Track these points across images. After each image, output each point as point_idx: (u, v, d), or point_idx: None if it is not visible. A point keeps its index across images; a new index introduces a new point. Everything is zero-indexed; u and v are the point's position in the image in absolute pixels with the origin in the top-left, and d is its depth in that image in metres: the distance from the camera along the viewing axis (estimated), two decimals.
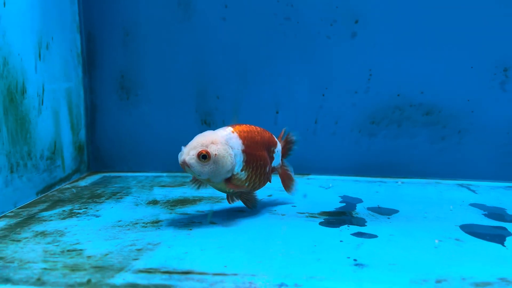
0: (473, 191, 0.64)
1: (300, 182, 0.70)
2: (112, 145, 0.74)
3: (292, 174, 0.57)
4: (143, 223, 0.49)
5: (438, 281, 0.36)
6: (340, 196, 0.61)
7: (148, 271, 0.38)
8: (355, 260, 0.40)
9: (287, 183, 0.56)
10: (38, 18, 0.58)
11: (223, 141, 0.48)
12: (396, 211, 0.54)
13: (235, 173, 0.48)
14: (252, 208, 0.52)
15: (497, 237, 0.46)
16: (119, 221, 0.49)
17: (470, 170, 0.69)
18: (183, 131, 0.74)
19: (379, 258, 0.41)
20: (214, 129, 0.75)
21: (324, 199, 0.59)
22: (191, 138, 0.73)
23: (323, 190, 0.65)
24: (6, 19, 0.51)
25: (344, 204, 0.58)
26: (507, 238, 0.45)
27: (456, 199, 0.60)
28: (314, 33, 0.71)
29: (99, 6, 0.71)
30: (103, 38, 0.72)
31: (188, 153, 0.47)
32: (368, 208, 0.56)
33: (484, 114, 0.68)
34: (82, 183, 0.67)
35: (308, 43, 0.71)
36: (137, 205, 0.56)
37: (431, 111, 0.70)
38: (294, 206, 0.56)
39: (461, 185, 0.67)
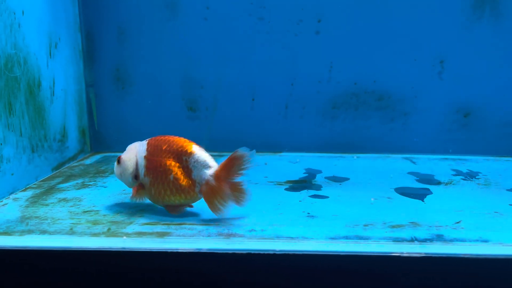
0: (414, 162, 0.77)
1: (273, 158, 0.82)
2: (110, 129, 0.85)
3: (243, 193, 0.50)
4: None
5: (365, 225, 0.49)
6: (304, 169, 0.73)
7: (151, 223, 0.50)
8: (308, 213, 0.53)
9: (212, 201, 0.49)
10: (48, 21, 0.68)
11: (133, 148, 0.52)
12: (347, 179, 0.67)
13: (141, 178, 0.51)
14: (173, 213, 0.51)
15: (420, 195, 0.59)
16: (124, 190, 0.61)
17: (414, 145, 0.82)
18: (171, 116, 0.85)
19: (326, 211, 0.54)
20: (198, 115, 0.87)
21: (291, 171, 0.72)
22: (177, 122, 0.85)
23: (291, 164, 0.77)
24: (25, 25, 0.62)
25: (307, 174, 0.70)
26: (427, 196, 0.59)
27: (398, 169, 0.73)
28: (283, 31, 0.81)
29: (96, 7, 0.81)
30: (100, 36, 0.81)
31: None
32: (326, 177, 0.68)
33: (425, 98, 0.80)
34: (87, 161, 0.78)
35: (278, 39, 0.81)
36: None
37: (382, 97, 0.82)
38: (266, 177, 0.69)
39: (406, 158, 0.80)
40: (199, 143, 0.55)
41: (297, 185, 0.64)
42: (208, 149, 0.78)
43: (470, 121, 0.80)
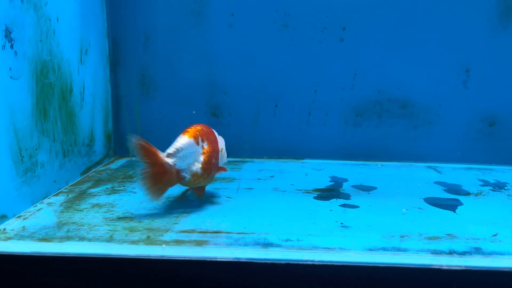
0: (439, 172, 0.77)
1: (295, 165, 0.82)
2: (134, 133, 0.86)
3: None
4: (174, 197, 0.62)
5: (402, 236, 0.50)
6: (329, 177, 0.74)
7: (187, 231, 0.51)
8: (341, 223, 0.53)
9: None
10: (80, 28, 0.69)
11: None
12: (374, 188, 0.67)
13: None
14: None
15: (451, 206, 0.59)
16: None
17: (438, 154, 0.82)
18: (194, 121, 0.85)
19: (360, 221, 0.54)
20: (221, 121, 0.87)
21: (316, 179, 0.72)
22: None
23: (315, 171, 0.77)
24: (59, 31, 0.63)
25: (333, 183, 0.70)
26: (458, 207, 0.59)
27: (424, 178, 0.73)
28: (307, 38, 0.82)
29: (123, 14, 0.82)
30: (126, 42, 0.82)
31: None
32: (353, 186, 0.69)
33: (449, 107, 0.80)
34: (113, 166, 0.79)
35: (302, 46, 0.81)
36: None
37: (406, 105, 0.82)
38: (293, 184, 0.69)
39: (430, 167, 0.80)
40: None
41: (325, 194, 0.64)
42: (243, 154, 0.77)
43: (495, 131, 0.80)
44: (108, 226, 0.51)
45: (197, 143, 0.55)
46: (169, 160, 0.53)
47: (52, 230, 0.50)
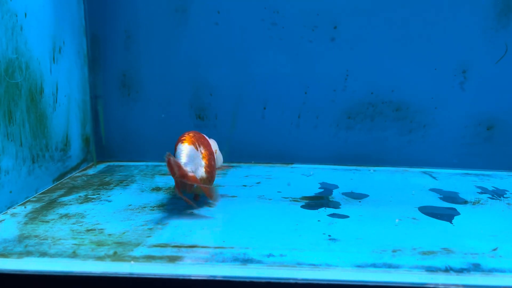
0: (434, 177, 0.73)
1: (285, 170, 0.78)
2: (115, 137, 0.81)
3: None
4: (150, 207, 0.57)
5: (394, 251, 0.45)
6: (319, 183, 0.70)
7: (160, 245, 0.46)
8: (329, 235, 0.49)
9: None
10: (52, 25, 0.65)
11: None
12: (366, 196, 0.63)
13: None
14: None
15: (447, 216, 0.55)
16: (130, 205, 0.58)
17: (433, 159, 0.78)
18: (179, 124, 0.82)
19: (349, 234, 0.50)
20: (206, 123, 0.83)
21: (305, 186, 0.68)
22: (185, 130, 0.80)
23: (304, 177, 0.73)
24: (27, 28, 0.58)
25: (322, 190, 0.66)
26: (455, 217, 0.55)
27: (419, 184, 0.69)
28: (297, 37, 0.78)
29: (103, 10, 0.78)
30: (106, 40, 0.78)
31: None
32: (343, 193, 0.65)
33: (445, 110, 0.77)
34: (90, 171, 0.74)
35: (292, 46, 0.78)
36: (142, 191, 0.64)
37: (400, 108, 0.79)
38: (280, 192, 0.65)
39: (425, 173, 0.77)
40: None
41: (314, 202, 0.60)
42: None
43: (493, 135, 0.77)
44: (74, 240, 0.47)
45: (196, 149, 0.56)
46: (188, 168, 0.53)
47: (12, 244, 0.46)
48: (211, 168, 0.57)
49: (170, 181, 0.69)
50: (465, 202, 0.61)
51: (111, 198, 0.61)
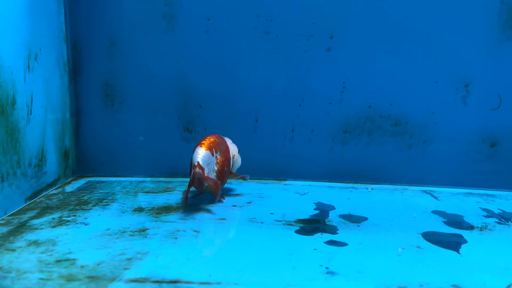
0: (436, 197, 0.69)
1: (277, 187, 0.74)
2: (97, 150, 0.76)
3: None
4: (131, 231, 0.52)
5: None
6: (314, 203, 0.65)
7: (139, 280, 0.41)
8: (327, 268, 0.45)
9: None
10: (27, 30, 0.60)
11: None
12: (365, 219, 0.59)
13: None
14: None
15: (454, 244, 0.51)
16: (108, 230, 0.52)
17: (434, 177, 0.75)
18: (166, 137, 0.77)
19: (348, 266, 0.45)
20: (195, 136, 0.78)
21: (299, 206, 0.63)
22: (173, 144, 0.76)
23: (298, 197, 0.69)
24: None
25: (318, 211, 0.62)
26: (462, 246, 0.51)
27: (420, 205, 0.65)
28: (292, 47, 0.74)
29: (85, 16, 0.73)
30: (88, 47, 0.73)
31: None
32: (340, 216, 0.60)
33: (447, 125, 0.73)
34: (68, 188, 0.69)
35: (286, 56, 0.74)
36: (123, 212, 0.59)
37: (399, 122, 0.75)
38: (272, 213, 0.60)
39: (425, 191, 0.72)
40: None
41: (309, 226, 0.56)
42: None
43: (497, 152, 0.73)
44: (41, 273, 0.42)
45: (212, 154, 0.61)
46: (204, 170, 0.59)
47: None
48: (222, 173, 0.62)
49: (154, 200, 0.64)
50: (471, 227, 0.56)
51: (88, 220, 0.56)
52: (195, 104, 0.76)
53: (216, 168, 0.61)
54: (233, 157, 0.66)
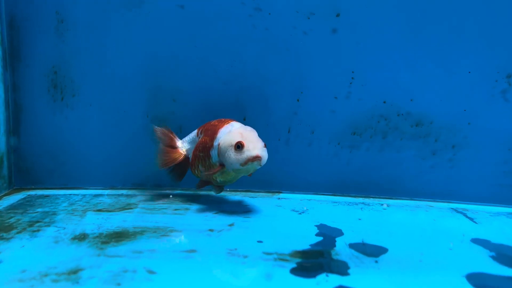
0: (471, 219, 0.55)
1: (270, 202, 0.60)
2: (42, 155, 0.64)
3: None
4: (56, 274, 0.37)
5: None
6: (316, 226, 0.51)
7: None
8: None
9: None
10: None
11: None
12: (385, 250, 0.44)
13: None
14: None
15: None
16: (23, 271, 0.37)
17: (466, 191, 0.62)
18: (130, 139, 0.64)
19: None
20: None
21: (297, 230, 0.49)
22: (140, 147, 0.63)
23: (296, 215, 0.54)
24: None
25: (321, 238, 0.47)
26: None
27: (454, 230, 0.51)
28: (288, 27, 0.62)
29: None
30: (30, 25, 0.62)
31: (260, 147, 0.50)
32: (351, 245, 0.45)
33: (482, 127, 0.61)
34: (3, 203, 0.54)
35: (281, 38, 0.63)
36: (57, 242, 0.44)
37: (421, 122, 0.62)
38: (261, 242, 0.45)
39: (456, 210, 0.58)
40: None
41: (310, 263, 0.41)
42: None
43: None
44: None
45: (197, 135, 0.58)
46: (180, 144, 0.59)
47: None
48: (194, 158, 0.57)
49: (105, 222, 0.50)
50: None
51: (3, 255, 0.40)
52: (168, 98, 0.64)
53: (192, 147, 0.58)
54: (218, 146, 0.53)
